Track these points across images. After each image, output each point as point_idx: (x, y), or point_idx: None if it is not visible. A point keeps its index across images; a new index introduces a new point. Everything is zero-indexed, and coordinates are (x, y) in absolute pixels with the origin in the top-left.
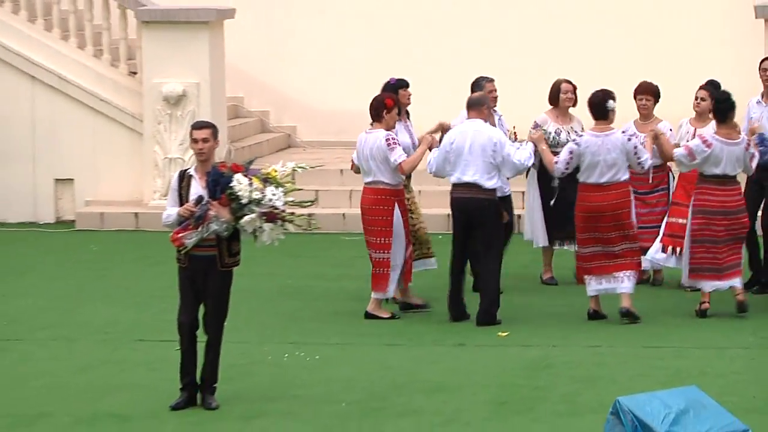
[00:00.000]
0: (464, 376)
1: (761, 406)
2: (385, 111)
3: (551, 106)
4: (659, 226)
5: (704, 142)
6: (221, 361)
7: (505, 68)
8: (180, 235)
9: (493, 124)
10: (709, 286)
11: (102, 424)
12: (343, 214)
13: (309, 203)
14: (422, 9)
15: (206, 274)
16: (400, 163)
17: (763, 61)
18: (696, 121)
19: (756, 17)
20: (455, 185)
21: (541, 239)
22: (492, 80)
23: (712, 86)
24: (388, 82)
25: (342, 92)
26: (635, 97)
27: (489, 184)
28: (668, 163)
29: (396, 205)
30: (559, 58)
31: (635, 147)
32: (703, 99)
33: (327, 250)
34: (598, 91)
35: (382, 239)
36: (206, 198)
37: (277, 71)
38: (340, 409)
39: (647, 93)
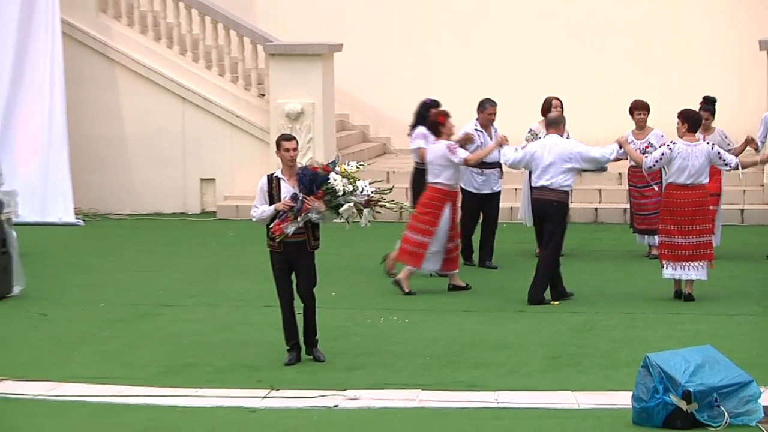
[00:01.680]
0: (524, 336)
1: (763, 362)
2: (441, 126)
3: (543, 117)
4: (656, 212)
5: None
6: (329, 323)
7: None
8: (281, 225)
9: (490, 136)
10: None
11: (236, 373)
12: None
13: (388, 191)
14: (499, 36)
15: (297, 255)
16: (465, 158)
17: None
18: (702, 131)
19: (760, 50)
20: (535, 188)
21: (529, 221)
22: (495, 104)
23: (707, 102)
24: (424, 102)
25: None
26: (632, 113)
27: (561, 187)
28: None
29: (448, 204)
30: (591, 85)
31: (719, 152)
32: (705, 119)
33: None
34: (696, 112)
35: (428, 227)
36: (300, 194)
37: (375, 93)
38: (425, 361)
39: (643, 109)
